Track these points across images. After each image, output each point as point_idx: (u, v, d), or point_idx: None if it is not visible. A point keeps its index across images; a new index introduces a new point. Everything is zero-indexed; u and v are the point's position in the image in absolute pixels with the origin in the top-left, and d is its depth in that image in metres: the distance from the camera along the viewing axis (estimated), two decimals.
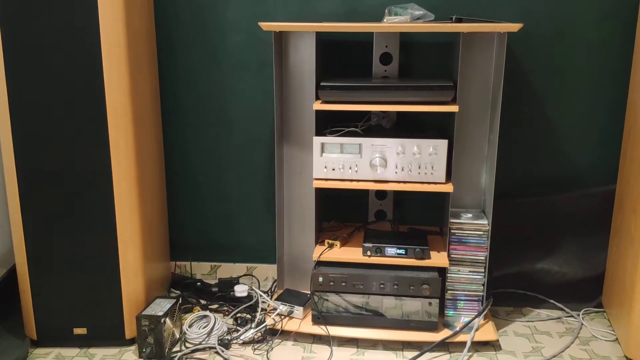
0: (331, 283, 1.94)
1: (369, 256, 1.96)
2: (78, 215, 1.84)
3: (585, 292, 2.21)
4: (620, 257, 1.97)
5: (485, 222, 1.93)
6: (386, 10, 1.91)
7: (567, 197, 2.19)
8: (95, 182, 1.82)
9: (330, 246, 2.03)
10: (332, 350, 1.92)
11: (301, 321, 2.00)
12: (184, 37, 2.21)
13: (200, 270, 2.42)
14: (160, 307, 1.91)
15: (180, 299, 2.00)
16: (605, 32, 2.08)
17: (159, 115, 2.17)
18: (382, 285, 1.93)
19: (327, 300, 1.96)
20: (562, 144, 2.19)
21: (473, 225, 1.93)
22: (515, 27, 1.74)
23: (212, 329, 1.94)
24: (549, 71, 2.13)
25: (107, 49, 1.73)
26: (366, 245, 1.96)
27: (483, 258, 1.94)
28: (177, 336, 1.95)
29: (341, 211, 2.31)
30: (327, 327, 1.95)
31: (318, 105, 1.87)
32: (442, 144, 1.86)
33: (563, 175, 2.21)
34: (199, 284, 2.26)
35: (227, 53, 2.21)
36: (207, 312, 2.04)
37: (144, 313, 1.87)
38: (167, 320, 1.88)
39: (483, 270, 1.95)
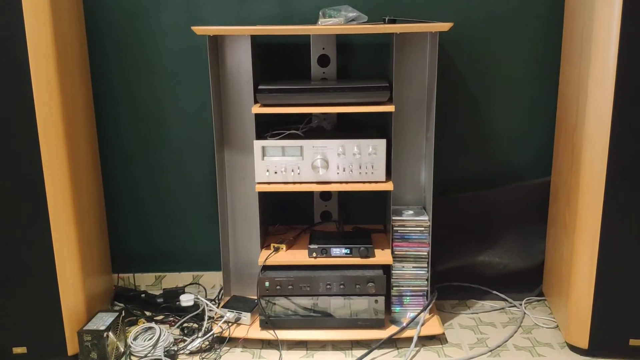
0: (278, 287, 1.94)
1: (315, 257, 1.96)
2: (11, 231, 1.77)
3: (526, 282, 2.28)
4: (557, 247, 2.04)
5: (426, 218, 1.96)
6: (320, 13, 1.93)
7: (504, 190, 2.26)
8: (28, 197, 1.76)
9: (276, 250, 2.02)
10: (281, 354, 1.91)
11: (249, 327, 1.98)
12: (116, 44, 2.17)
13: (145, 281, 2.37)
14: (103, 321, 1.86)
15: (124, 311, 1.96)
16: (534, 30, 2.15)
17: (94, 125, 2.12)
18: (328, 286, 1.94)
19: (275, 304, 1.95)
20: (497, 139, 2.25)
21: (414, 222, 1.96)
22: (445, 26, 1.78)
23: (157, 340, 1.90)
24: (482, 69, 2.19)
25: (35, 58, 1.68)
26: (312, 246, 1.96)
27: (426, 253, 1.97)
28: (122, 350, 1.91)
29: (287, 214, 2.31)
30: (276, 331, 1.94)
31: (257, 109, 1.86)
32: (381, 143, 1.89)
33: (500, 169, 2.28)
34: (143, 295, 2.21)
35: (163, 59, 2.18)
36: (152, 324, 2.00)
37: (85, 328, 1.82)
38: (110, 334, 1.83)
39: (426, 265, 1.98)
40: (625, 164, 1.71)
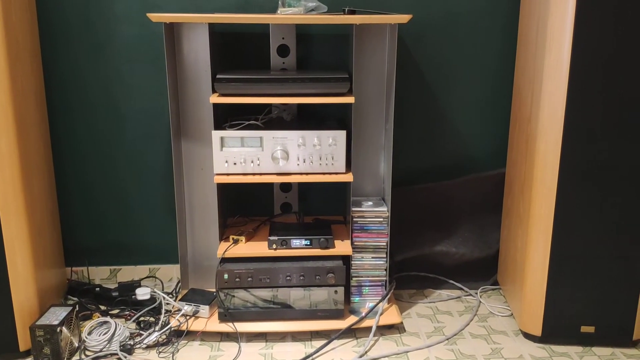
0: (237, 279, 1.92)
1: (275, 249, 1.95)
2: None
3: (482, 271, 2.33)
4: (512, 237, 2.09)
5: (385, 209, 1.98)
6: (280, 2, 1.91)
7: (461, 181, 2.29)
8: None
9: (235, 242, 2.00)
10: (240, 347, 1.90)
11: (207, 320, 1.96)
12: (68, 32, 2.10)
13: (99, 275, 2.32)
14: (56, 315, 1.81)
15: (78, 306, 1.91)
16: (491, 24, 2.19)
17: (45, 114, 2.05)
18: (288, 278, 1.93)
19: (234, 296, 1.94)
20: (454, 131, 2.28)
21: (373, 213, 1.97)
22: (404, 18, 1.79)
23: (113, 334, 1.87)
24: (440, 62, 2.21)
25: None
26: (271, 238, 1.95)
27: (384, 244, 1.99)
28: (76, 345, 1.86)
29: (246, 206, 2.29)
30: (235, 323, 1.93)
31: (215, 99, 1.84)
32: (341, 134, 1.89)
33: (457, 160, 2.31)
34: (97, 289, 2.16)
35: (117, 46, 2.12)
36: (108, 318, 1.96)
37: (38, 323, 1.77)
38: (64, 329, 1.78)
39: (385, 255, 2.00)
40: (578, 155, 1.76)
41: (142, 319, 2.01)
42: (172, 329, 1.92)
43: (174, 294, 2.17)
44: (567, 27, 1.67)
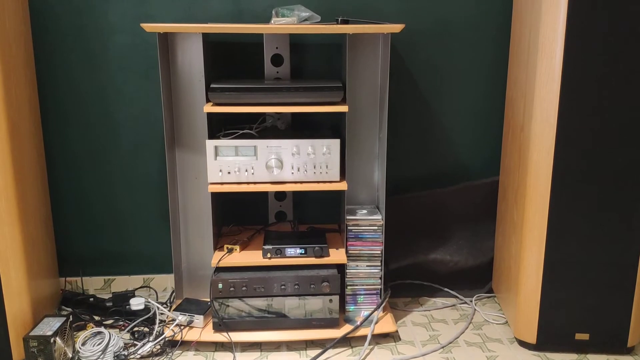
0: (231, 288, 1.91)
1: (269, 258, 1.95)
2: None
3: (477, 279, 2.33)
4: (506, 244, 2.09)
5: (379, 217, 1.98)
6: (273, 12, 1.92)
7: (455, 189, 2.30)
8: None
9: (230, 251, 2.00)
10: (234, 357, 1.89)
11: (202, 330, 1.95)
12: (62, 41, 2.10)
13: (93, 285, 2.31)
14: (50, 326, 1.80)
15: (72, 316, 1.90)
16: (483, 33, 2.20)
17: (39, 123, 2.05)
18: (283, 287, 1.93)
19: (228, 306, 1.93)
20: (448, 140, 2.29)
21: (368, 221, 1.97)
22: (397, 28, 1.80)
23: (107, 345, 1.86)
24: (433, 71, 2.22)
25: None
26: (266, 247, 1.95)
27: (379, 252, 1.99)
28: (70, 355, 1.85)
29: (241, 214, 2.29)
30: (230, 333, 1.92)
31: (209, 108, 1.84)
32: (335, 143, 1.89)
33: (450, 169, 2.32)
34: (91, 299, 2.16)
35: (111, 55, 2.13)
36: (102, 328, 1.95)
37: (31, 334, 1.76)
38: (58, 339, 1.77)
39: (380, 263, 2.00)
40: (570, 162, 1.77)
41: (136, 329, 2.00)
42: (167, 339, 1.91)
43: (168, 304, 2.16)
44: (558, 35, 1.68)
